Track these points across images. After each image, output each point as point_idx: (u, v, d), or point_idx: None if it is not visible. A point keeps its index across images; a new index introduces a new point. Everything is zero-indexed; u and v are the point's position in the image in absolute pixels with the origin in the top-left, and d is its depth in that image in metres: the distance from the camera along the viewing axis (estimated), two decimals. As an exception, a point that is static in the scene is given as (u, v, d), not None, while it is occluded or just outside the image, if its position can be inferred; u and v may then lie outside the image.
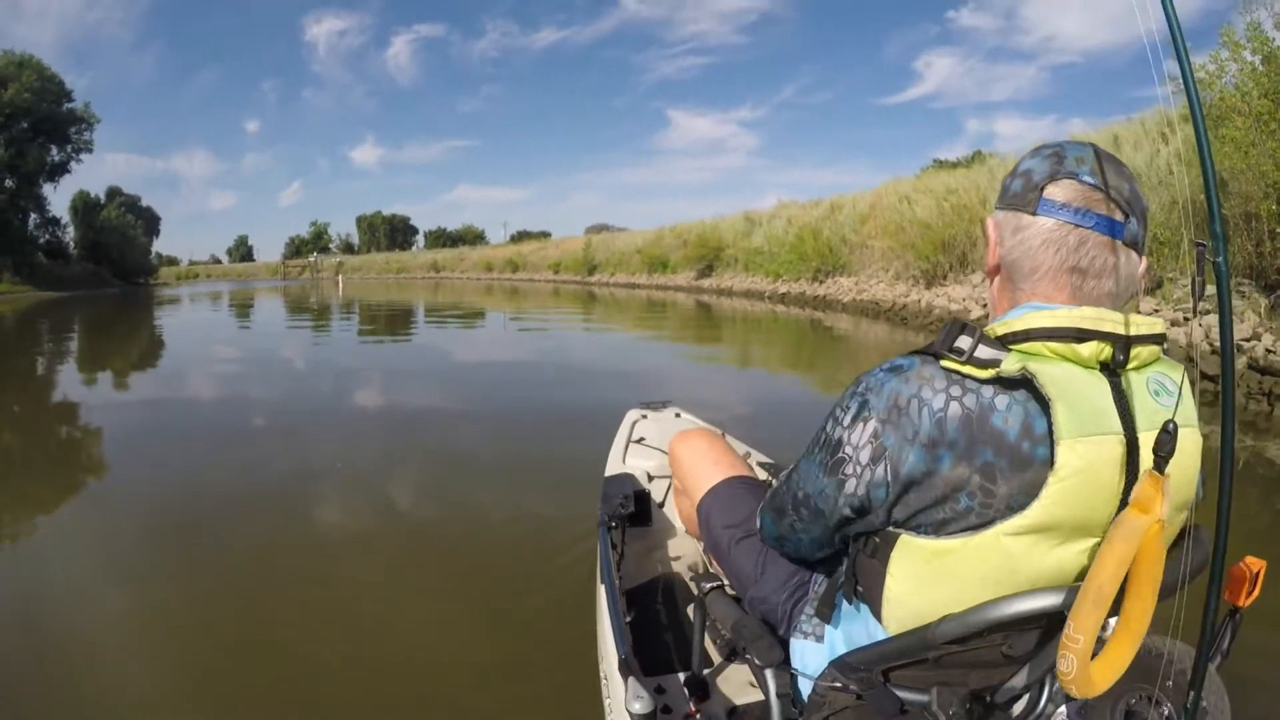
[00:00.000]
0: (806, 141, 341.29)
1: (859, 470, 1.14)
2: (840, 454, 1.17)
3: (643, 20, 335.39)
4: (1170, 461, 0.98)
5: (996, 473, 1.04)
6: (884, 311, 17.02)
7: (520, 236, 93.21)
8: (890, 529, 1.14)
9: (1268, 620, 2.00)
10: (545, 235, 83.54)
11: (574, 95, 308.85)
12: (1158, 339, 1.10)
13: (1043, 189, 1.15)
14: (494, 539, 4.13)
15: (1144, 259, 1.18)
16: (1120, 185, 1.13)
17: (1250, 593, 1.12)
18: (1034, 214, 1.15)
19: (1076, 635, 0.97)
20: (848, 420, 1.16)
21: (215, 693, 2.71)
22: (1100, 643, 1.02)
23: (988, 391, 1.06)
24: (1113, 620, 1.08)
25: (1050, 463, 1.01)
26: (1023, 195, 1.17)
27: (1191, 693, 1.06)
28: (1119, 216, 1.12)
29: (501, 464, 5.68)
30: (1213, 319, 8.16)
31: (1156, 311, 9.19)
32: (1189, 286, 9.31)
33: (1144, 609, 1.01)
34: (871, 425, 1.12)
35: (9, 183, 48.13)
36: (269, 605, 3.40)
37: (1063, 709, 1.23)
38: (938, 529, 1.09)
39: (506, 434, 6.75)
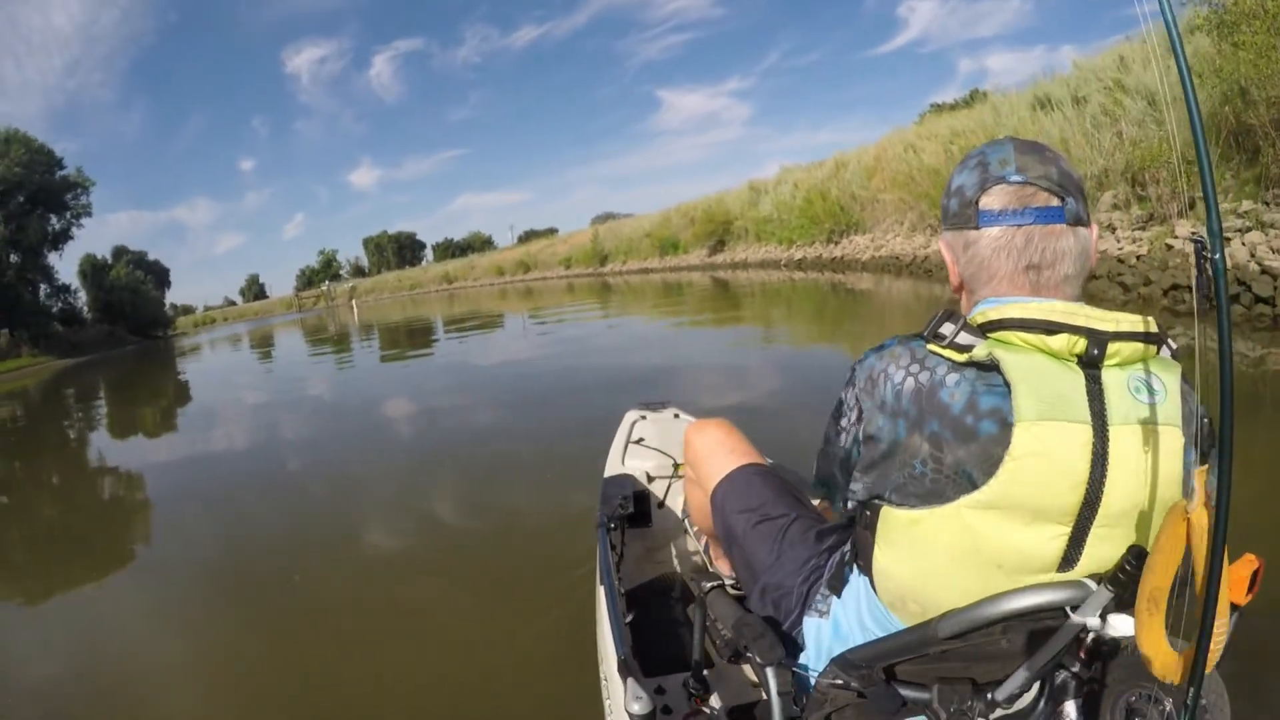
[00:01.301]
0: (799, 105, 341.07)
1: (849, 426, 1.28)
2: (841, 410, 1.31)
3: (619, 5, 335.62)
4: (1144, 460, 1.08)
5: (943, 442, 1.12)
6: (905, 266, 16.62)
7: (528, 236, 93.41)
8: (874, 500, 1.23)
9: (1268, 618, 1.95)
10: (552, 232, 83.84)
11: (562, 90, 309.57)
12: (1144, 337, 1.12)
13: (977, 202, 1.22)
14: (496, 542, 4.29)
15: (1093, 226, 1.23)
16: (1047, 171, 1.19)
17: (1250, 590, 1.10)
18: (977, 227, 1.22)
19: (1138, 600, 1.01)
20: (846, 384, 1.30)
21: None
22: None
23: (941, 369, 1.15)
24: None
25: (998, 439, 1.07)
26: (961, 213, 1.24)
27: (1191, 690, 1.04)
28: (1055, 202, 1.18)
29: (509, 471, 5.80)
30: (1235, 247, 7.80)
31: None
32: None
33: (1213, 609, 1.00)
34: (855, 392, 1.26)
35: (13, 258, 48.30)
36: (273, 610, 3.78)
37: (1066, 705, 1.21)
38: (904, 496, 1.17)
39: (515, 438, 6.88)
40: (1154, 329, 1.13)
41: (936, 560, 1.16)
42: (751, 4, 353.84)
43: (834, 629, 1.43)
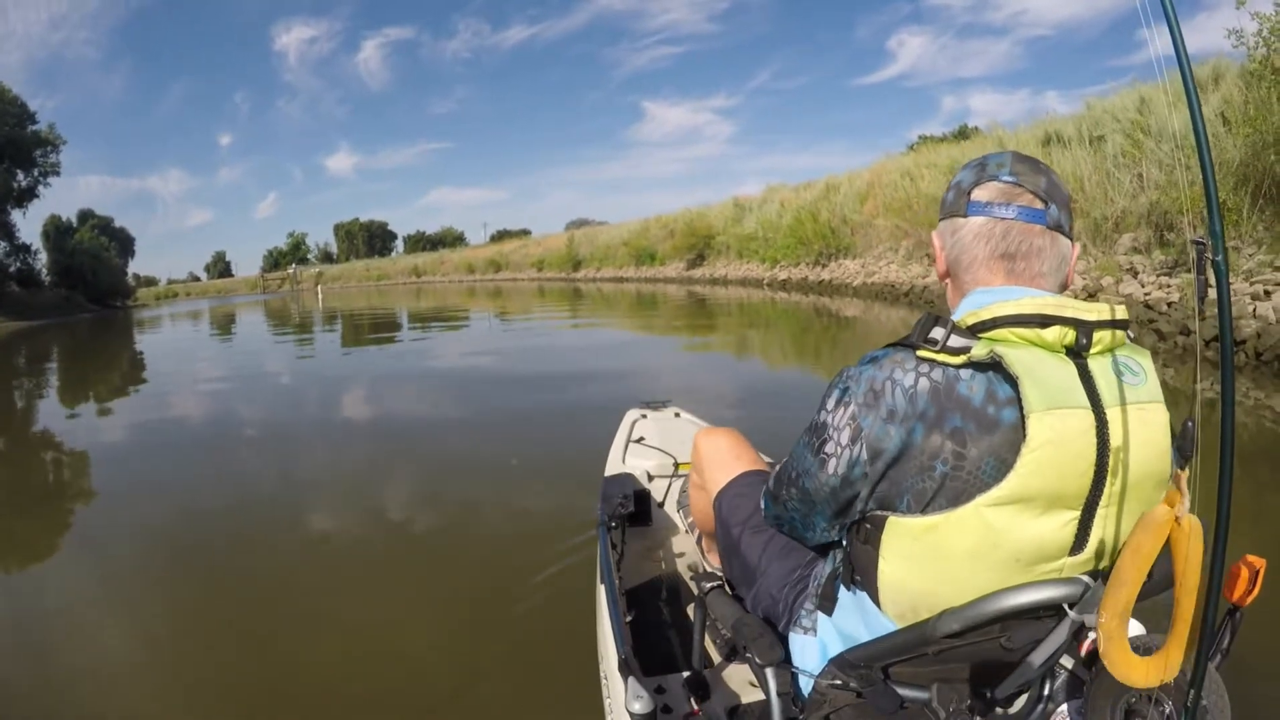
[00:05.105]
0: (783, 126, 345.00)
1: (839, 450, 1.20)
2: (824, 436, 1.24)
3: (614, 13, 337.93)
4: (1139, 436, 1.10)
5: (966, 436, 1.10)
6: (902, 295, 16.26)
7: (501, 236, 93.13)
8: (879, 512, 1.19)
9: (1269, 619, 1.88)
10: (526, 233, 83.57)
11: (547, 92, 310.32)
12: (1120, 324, 1.15)
13: (970, 193, 1.27)
14: (495, 541, 4.17)
15: (1075, 244, 1.29)
16: (1036, 179, 1.25)
17: (1250, 591, 1.07)
18: (966, 216, 1.28)
19: (1104, 614, 1.01)
20: (831, 405, 1.23)
21: (217, 707, 2.76)
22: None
23: (952, 367, 1.13)
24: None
25: (1017, 428, 1.07)
26: (955, 203, 1.30)
27: (1191, 691, 1.02)
28: (1038, 205, 1.24)
29: (500, 468, 5.64)
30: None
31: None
32: (1250, 259, 8.87)
33: (1191, 609, 1.00)
34: (851, 409, 1.19)
35: (-27, 210, 46.95)
36: (270, 613, 3.50)
37: (1064, 706, 1.18)
38: (920, 503, 1.13)
39: (502, 437, 6.70)
40: (1125, 316, 1.16)
41: (954, 563, 1.13)
42: (746, 23, 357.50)
43: (821, 649, 1.41)
